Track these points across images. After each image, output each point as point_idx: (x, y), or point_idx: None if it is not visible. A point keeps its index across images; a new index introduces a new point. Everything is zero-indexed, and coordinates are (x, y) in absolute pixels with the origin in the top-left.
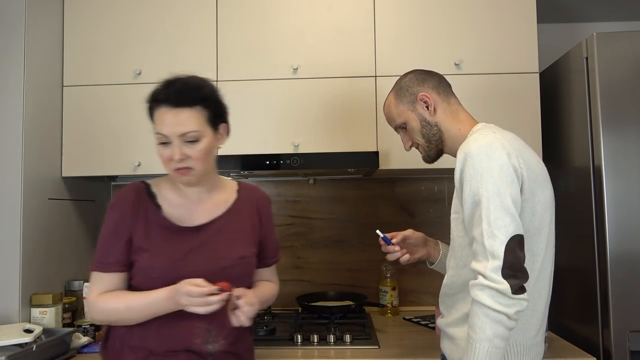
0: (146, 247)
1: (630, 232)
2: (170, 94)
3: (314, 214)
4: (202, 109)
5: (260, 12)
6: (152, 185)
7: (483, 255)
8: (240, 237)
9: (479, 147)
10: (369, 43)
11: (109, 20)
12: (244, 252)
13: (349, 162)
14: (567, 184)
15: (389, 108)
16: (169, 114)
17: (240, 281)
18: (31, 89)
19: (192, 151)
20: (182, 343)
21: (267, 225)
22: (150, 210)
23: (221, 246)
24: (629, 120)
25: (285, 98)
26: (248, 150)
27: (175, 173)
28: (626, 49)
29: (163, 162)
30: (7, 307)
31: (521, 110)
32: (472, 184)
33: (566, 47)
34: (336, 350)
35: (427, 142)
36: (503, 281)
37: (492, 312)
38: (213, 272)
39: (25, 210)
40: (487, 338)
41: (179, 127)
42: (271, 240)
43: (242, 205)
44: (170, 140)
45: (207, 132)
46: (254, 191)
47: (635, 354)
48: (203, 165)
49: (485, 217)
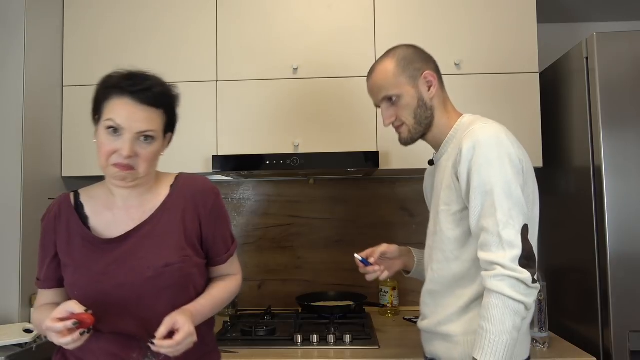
0: (68, 263)
1: (630, 232)
2: (139, 89)
3: (314, 214)
4: (163, 114)
5: (260, 12)
6: (82, 193)
7: (498, 246)
8: (167, 241)
9: (488, 136)
10: (369, 43)
11: (109, 20)
12: (170, 259)
13: (349, 162)
14: (567, 184)
15: (384, 75)
16: (132, 107)
17: (172, 292)
18: (31, 89)
19: (143, 151)
20: (119, 357)
21: (210, 221)
22: (73, 222)
23: (145, 254)
24: (629, 120)
25: (285, 98)
26: (248, 150)
27: (113, 168)
28: (626, 49)
29: (101, 154)
30: (7, 307)
31: (521, 110)
32: (482, 173)
33: (566, 47)
34: (336, 350)
35: (417, 123)
36: (523, 270)
37: (512, 302)
38: (138, 284)
39: (25, 210)
40: (507, 330)
41: (139, 124)
42: (220, 236)
43: (174, 203)
44: (122, 133)
45: (160, 136)
46: (192, 185)
47: (635, 354)
48: (146, 168)
49: (500, 206)
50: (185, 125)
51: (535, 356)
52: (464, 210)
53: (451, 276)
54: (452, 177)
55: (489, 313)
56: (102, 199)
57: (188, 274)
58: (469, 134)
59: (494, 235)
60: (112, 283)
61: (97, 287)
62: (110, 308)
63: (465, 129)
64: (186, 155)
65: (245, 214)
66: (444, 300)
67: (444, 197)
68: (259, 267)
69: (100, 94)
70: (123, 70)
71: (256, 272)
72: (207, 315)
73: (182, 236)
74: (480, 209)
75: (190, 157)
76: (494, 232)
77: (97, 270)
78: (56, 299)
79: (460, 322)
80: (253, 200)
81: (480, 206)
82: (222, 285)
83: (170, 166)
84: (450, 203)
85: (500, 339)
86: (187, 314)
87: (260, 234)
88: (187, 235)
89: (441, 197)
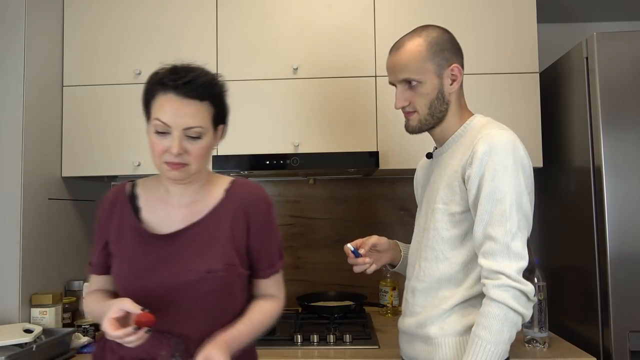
0: (116, 253)
1: (630, 232)
2: (181, 83)
3: (314, 214)
4: (209, 106)
5: (260, 12)
6: (139, 184)
7: (505, 256)
8: (213, 247)
9: (505, 142)
10: (369, 43)
11: (109, 20)
12: (214, 265)
13: (349, 162)
14: (567, 184)
15: (411, 55)
16: (176, 103)
17: (211, 298)
18: (31, 89)
19: (192, 147)
20: (149, 352)
21: (258, 232)
22: (126, 213)
23: (190, 257)
24: (629, 120)
25: (285, 98)
26: (248, 150)
27: (166, 166)
28: (626, 49)
29: (154, 153)
30: (7, 307)
31: (521, 110)
32: (496, 180)
33: (566, 47)
34: (336, 350)
35: (430, 114)
36: (527, 283)
37: (513, 313)
38: (179, 286)
39: (25, 210)
40: (503, 341)
41: (184, 120)
42: (266, 249)
43: (226, 208)
44: (170, 131)
45: (209, 130)
46: (247, 192)
47: (635, 354)
48: (199, 164)
49: (510, 216)
50: None
51: (535, 356)
52: (463, 212)
53: (438, 277)
54: (458, 177)
55: (489, 322)
56: (158, 193)
57: (229, 284)
58: (485, 138)
59: (502, 245)
60: (154, 280)
61: (138, 282)
62: (148, 303)
63: (476, 131)
64: None
65: None
66: (427, 301)
67: (443, 195)
68: None
69: (147, 92)
70: (168, 65)
71: None
72: (244, 343)
73: (229, 244)
74: (489, 217)
75: None
76: (502, 242)
77: (142, 265)
78: (106, 286)
79: (442, 324)
80: None
81: (490, 214)
82: (263, 309)
83: None
84: (450, 203)
85: (496, 350)
86: (223, 347)
87: None
88: (234, 243)
89: (439, 194)
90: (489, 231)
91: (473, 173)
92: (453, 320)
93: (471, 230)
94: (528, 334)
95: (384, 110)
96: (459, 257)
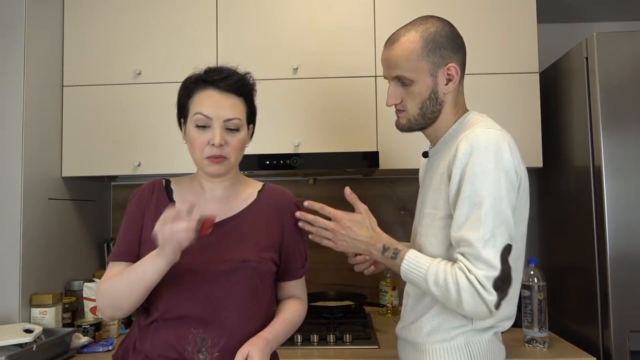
0: (150, 241)
1: (630, 232)
2: (219, 79)
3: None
4: (244, 102)
5: (260, 12)
6: (173, 181)
7: (477, 260)
8: (249, 240)
9: (488, 144)
10: (369, 43)
11: (109, 20)
12: (248, 255)
13: (349, 162)
14: (567, 184)
15: (405, 52)
16: (217, 96)
17: (242, 290)
18: (31, 89)
19: (232, 139)
20: (175, 349)
21: (292, 233)
22: (162, 205)
23: (225, 249)
24: (629, 120)
25: (285, 98)
26: (248, 150)
27: (207, 161)
28: (626, 49)
29: (195, 148)
30: (7, 307)
31: (521, 110)
32: (475, 183)
33: (566, 47)
34: (336, 350)
35: (420, 115)
36: (493, 292)
37: (453, 296)
38: (212, 275)
39: (25, 210)
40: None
41: (224, 112)
42: (299, 249)
43: (261, 207)
44: (210, 124)
45: (245, 125)
46: (279, 194)
47: (635, 354)
48: (236, 157)
49: (485, 222)
50: None
51: (535, 356)
52: (449, 217)
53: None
54: (444, 179)
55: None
56: (191, 189)
57: (261, 276)
58: (468, 136)
59: (475, 250)
60: (186, 269)
61: (173, 270)
62: (180, 291)
63: (466, 129)
64: (187, 155)
65: None
66: (416, 306)
67: (432, 199)
68: None
69: (183, 95)
70: (198, 69)
71: None
72: (281, 341)
73: (263, 240)
74: (464, 220)
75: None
76: (475, 247)
77: None
78: None
79: (429, 329)
80: None
81: (465, 217)
82: (293, 308)
83: (171, 166)
84: (437, 207)
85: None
86: (262, 344)
87: None
88: (268, 239)
89: (429, 198)
90: (462, 234)
91: (454, 173)
92: (440, 327)
93: None
94: (528, 334)
95: (383, 110)
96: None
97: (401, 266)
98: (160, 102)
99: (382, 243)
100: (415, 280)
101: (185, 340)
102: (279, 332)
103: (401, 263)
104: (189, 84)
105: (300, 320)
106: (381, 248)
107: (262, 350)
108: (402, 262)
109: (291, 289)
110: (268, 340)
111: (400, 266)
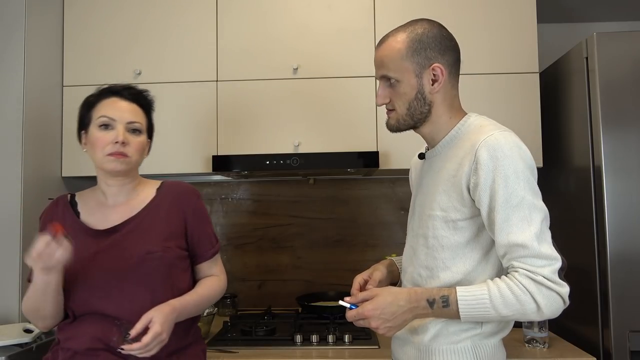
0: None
1: (630, 232)
2: (122, 89)
3: (314, 214)
4: (144, 113)
5: (260, 12)
6: (77, 195)
7: (537, 258)
8: (152, 234)
9: (511, 146)
10: (369, 43)
11: (109, 20)
12: (152, 247)
13: (349, 162)
14: (567, 184)
15: (390, 52)
16: (120, 102)
17: (153, 280)
18: (31, 89)
19: (133, 140)
20: (101, 341)
21: (194, 218)
22: (68, 215)
23: (129, 245)
24: (629, 120)
25: (285, 98)
26: (248, 150)
27: (109, 158)
28: (626, 49)
29: (97, 147)
30: (7, 307)
31: (521, 110)
32: (509, 184)
33: (566, 47)
34: (336, 351)
35: (408, 115)
36: (564, 284)
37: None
38: (122, 271)
39: (25, 210)
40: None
41: (127, 115)
42: (204, 232)
43: (160, 202)
44: (114, 125)
45: (145, 132)
46: (176, 187)
47: (635, 354)
48: (137, 158)
49: (531, 220)
50: (185, 125)
51: (535, 356)
52: (465, 219)
53: (437, 286)
54: (458, 184)
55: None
56: (94, 199)
57: (169, 264)
58: (488, 142)
59: (531, 250)
60: (98, 269)
61: (84, 272)
62: (95, 291)
63: (474, 133)
64: (186, 155)
65: (245, 214)
66: None
67: (441, 202)
68: (259, 267)
69: (84, 108)
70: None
71: (256, 272)
72: (191, 311)
73: (165, 231)
74: (508, 224)
75: (190, 157)
76: (531, 247)
77: (86, 257)
78: None
79: (436, 331)
80: (253, 200)
81: (509, 221)
82: (208, 283)
83: (171, 166)
84: (448, 210)
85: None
86: (167, 310)
87: (260, 234)
88: (171, 230)
89: (436, 200)
90: (513, 239)
91: (481, 181)
92: (446, 330)
93: (474, 239)
94: (528, 334)
95: (383, 111)
96: (461, 267)
97: (460, 310)
98: (160, 102)
99: (424, 299)
100: (481, 316)
101: (110, 331)
102: (189, 302)
103: (458, 307)
104: (91, 97)
105: (216, 294)
106: (426, 305)
107: (166, 316)
108: (459, 305)
109: (207, 269)
110: (174, 307)
111: (458, 311)
